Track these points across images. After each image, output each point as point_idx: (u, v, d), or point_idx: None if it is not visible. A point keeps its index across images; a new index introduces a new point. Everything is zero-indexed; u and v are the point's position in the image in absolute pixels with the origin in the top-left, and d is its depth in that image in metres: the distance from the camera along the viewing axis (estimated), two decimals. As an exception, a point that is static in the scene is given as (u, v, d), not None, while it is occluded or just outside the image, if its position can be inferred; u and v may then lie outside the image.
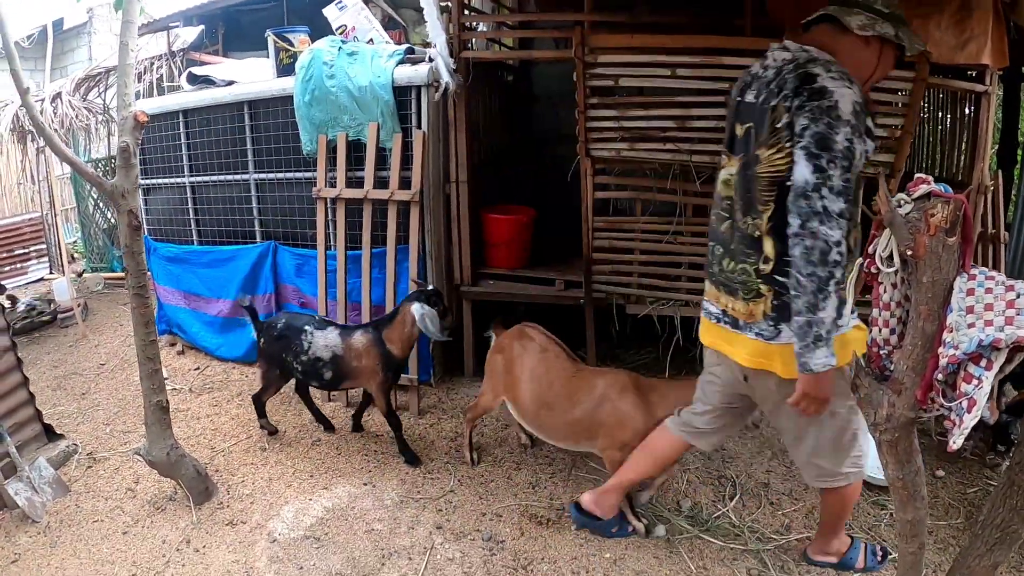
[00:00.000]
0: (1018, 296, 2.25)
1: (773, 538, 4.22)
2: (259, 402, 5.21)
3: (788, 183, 2.69)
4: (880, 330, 2.79)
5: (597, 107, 4.91)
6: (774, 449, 5.07)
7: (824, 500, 3.69)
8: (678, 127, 4.79)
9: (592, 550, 4.06)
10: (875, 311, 2.79)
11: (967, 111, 5.91)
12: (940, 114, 6.50)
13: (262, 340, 5.02)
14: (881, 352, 2.83)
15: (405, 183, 5.33)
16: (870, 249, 2.70)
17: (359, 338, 4.79)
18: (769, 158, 2.79)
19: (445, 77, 5.18)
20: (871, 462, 4.66)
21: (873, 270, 2.70)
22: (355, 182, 5.51)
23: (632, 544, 4.11)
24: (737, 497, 4.60)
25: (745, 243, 2.98)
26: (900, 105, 4.61)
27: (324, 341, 4.79)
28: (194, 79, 6.47)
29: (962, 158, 6.04)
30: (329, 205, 5.60)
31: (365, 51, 5.50)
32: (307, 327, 4.83)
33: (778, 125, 2.72)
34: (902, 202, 2.42)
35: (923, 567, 3.07)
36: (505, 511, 4.40)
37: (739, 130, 2.97)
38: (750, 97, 2.91)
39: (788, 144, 2.69)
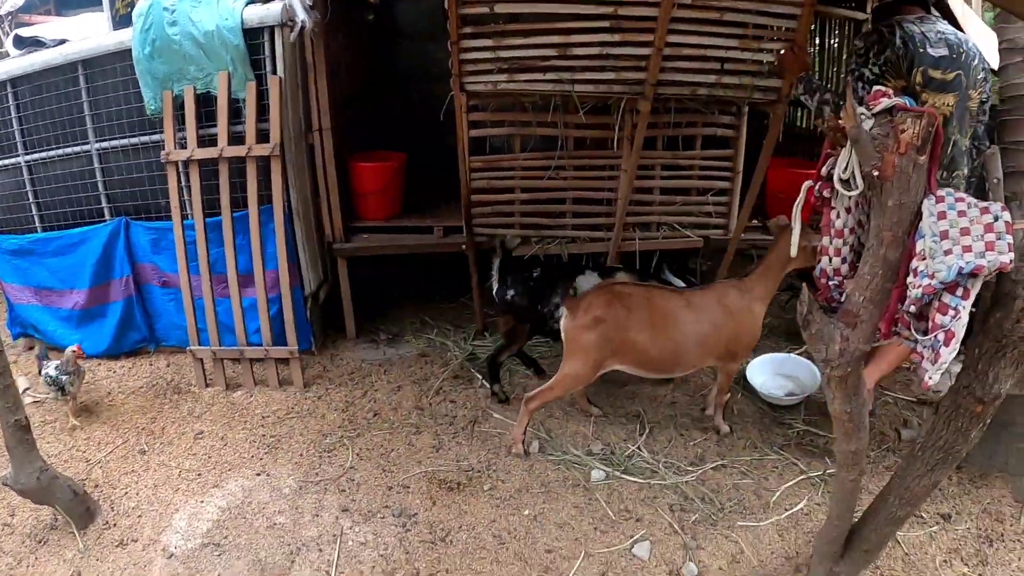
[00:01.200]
0: (995, 219, 1.95)
1: (689, 470, 4.08)
2: (495, 364, 4.72)
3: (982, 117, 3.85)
4: (831, 259, 2.49)
5: (471, 37, 4.33)
6: (674, 380, 4.87)
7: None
8: (559, 55, 4.30)
9: (510, 510, 3.75)
10: (825, 239, 2.50)
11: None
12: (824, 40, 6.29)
13: (511, 292, 4.55)
14: (830, 283, 2.53)
15: (263, 136, 4.67)
16: (823, 171, 2.36)
17: (621, 276, 4.63)
18: (975, 97, 3.73)
19: (301, 15, 4.50)
20: (765, 380, 4.76)
21: (826, 194, 2.37)
22: (208, 141, 4.79)
23: (549, 497, 3.84)
24: (647, 432, 4.40)
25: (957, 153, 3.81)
26: (785, 30, 4.34)
27: (588, 284, 4.52)
28: (21, 42, 5.48)
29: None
30: (181, 169, 4.85)
31: (212, -9, 4.77)
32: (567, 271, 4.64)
33: (979, 76, 3.71)
34: (862, 117, 2.07)
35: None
36: (412, 481, 3.98)
37: (935, 73, 3.58)
38: (939, 51, 3.57)
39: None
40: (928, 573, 3.38)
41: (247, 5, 4.60)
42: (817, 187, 2.43)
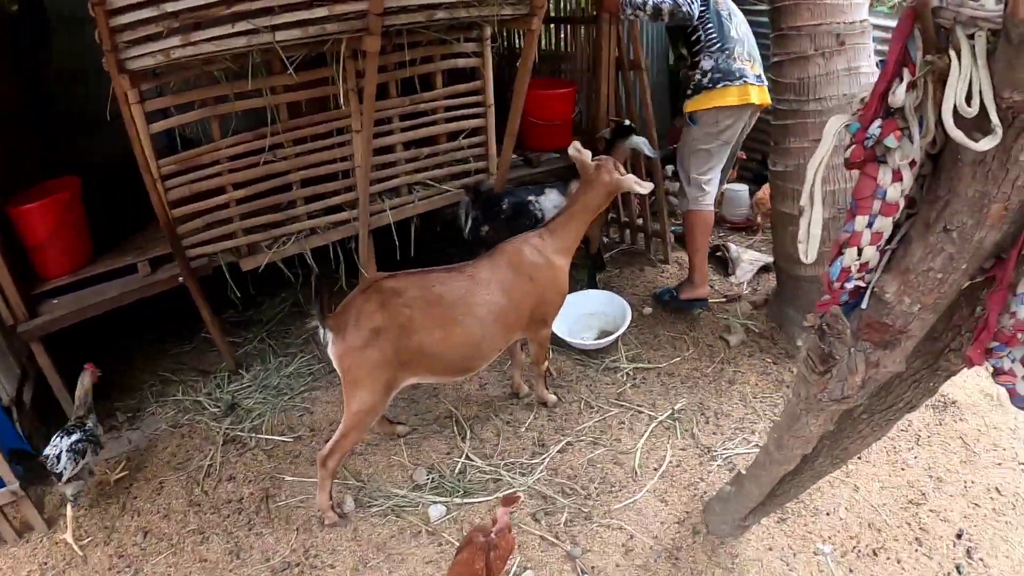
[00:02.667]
0: None
1: (534, 463, 3.34)
2: None
3: None
4: (861, 250, 1.54)
5: None
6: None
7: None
8: None
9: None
10: (859, 220, 1.51)
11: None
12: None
13: (486, 229, 4.12)
14: (846, 285, 1.59)
15: None
16: (897, 98, 1.36)
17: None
18: None
19: None
20: (571, 324, 4.22)
21: (890, 143, 1.37)
22: None
23: (393, 563, 2.88)
24: (469, 434, 3.55)
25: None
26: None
27: (552, 203, 4.17)
28: None
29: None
30: None
31: None
32: (530, 197, 4.20)
33: None
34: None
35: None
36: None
37: None
38: None
39: None
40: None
41: None
42: (874, 130, 1.40)
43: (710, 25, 3.92)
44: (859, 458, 3.11)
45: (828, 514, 3.02)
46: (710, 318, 4.33)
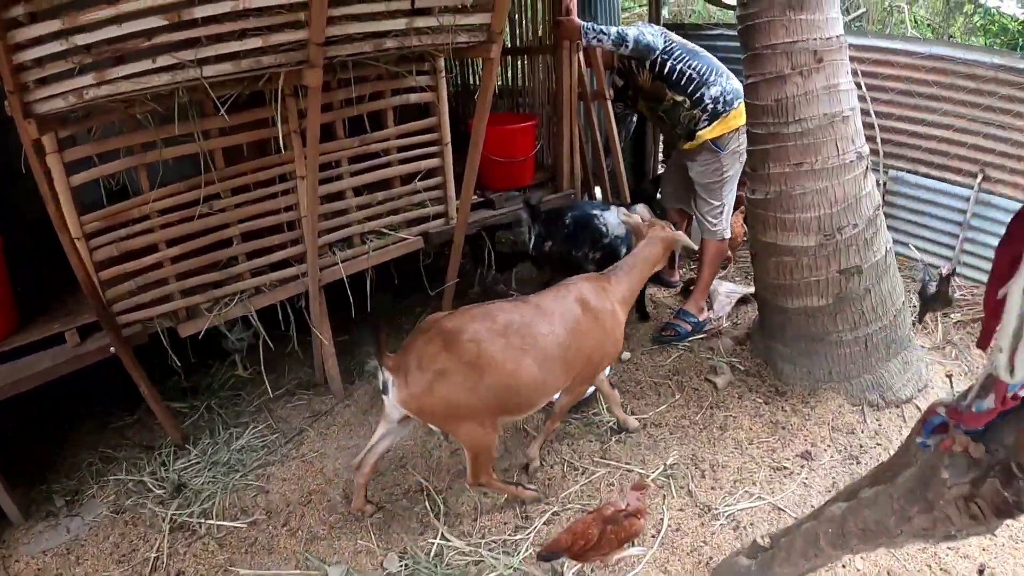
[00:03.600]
0: None
1: (517, 540, 2.94)
2: None
3: None
4: None
5: (25, 23, 2.38)
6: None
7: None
8: (171, 23, 2.51)
9: None
10: None
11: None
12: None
13: (549, 243, 4.15)
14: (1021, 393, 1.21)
15: None
16: None
17: (642, 210, 3.97)
18: None
19: None
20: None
21: None
22: None
23: None
24: (443, 509, 3.14)
25: None
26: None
27: (615, 219, 4.12)
28: None
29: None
30: None
31: None
32: (594, 211, 4.18)
33: None
34: None
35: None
36: None
37: None
38: None
39: None
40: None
41: None
42: None
43: (687, 57, 3.97)
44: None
45: (844, 566, 2.72)
46: (693, 359, 4.03)
